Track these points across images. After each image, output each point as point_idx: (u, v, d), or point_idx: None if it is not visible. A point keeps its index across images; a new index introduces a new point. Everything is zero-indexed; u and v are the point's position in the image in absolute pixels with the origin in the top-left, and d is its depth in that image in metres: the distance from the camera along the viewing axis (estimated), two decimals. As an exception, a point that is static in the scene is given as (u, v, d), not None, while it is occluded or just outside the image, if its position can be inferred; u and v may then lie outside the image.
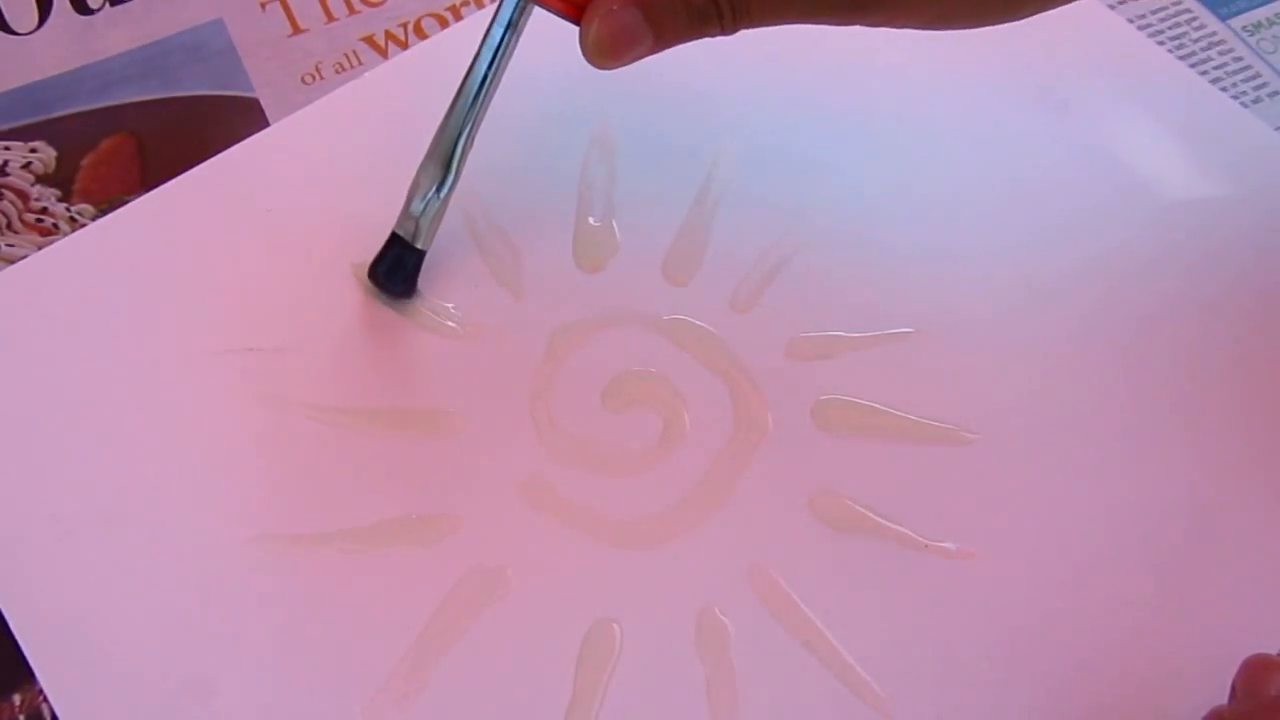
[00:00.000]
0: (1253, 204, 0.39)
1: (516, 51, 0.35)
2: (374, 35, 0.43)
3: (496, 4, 0.33)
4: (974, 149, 0.40)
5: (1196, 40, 0.43)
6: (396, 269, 0.36)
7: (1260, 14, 0.44)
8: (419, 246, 0.36)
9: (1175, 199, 0.40)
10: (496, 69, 0.34)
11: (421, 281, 0.37)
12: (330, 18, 0.44)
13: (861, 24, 0.33)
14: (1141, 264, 0.38)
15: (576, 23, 0.31)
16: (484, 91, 0.34)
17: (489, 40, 0.34)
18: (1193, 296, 0.38)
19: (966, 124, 0.41)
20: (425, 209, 0.35)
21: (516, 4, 0.33)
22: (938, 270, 0.38)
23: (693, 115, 0.41)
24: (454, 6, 0.44)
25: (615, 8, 0.31)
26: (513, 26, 0.33)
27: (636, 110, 0.41)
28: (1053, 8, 0.34)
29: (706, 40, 0.34)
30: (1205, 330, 0.37)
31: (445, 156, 0.35)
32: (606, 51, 0.32)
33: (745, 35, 0.34)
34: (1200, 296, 0.38)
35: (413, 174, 0.35)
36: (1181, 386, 0.36)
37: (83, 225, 0.39)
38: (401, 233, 0.36)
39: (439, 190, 0.35)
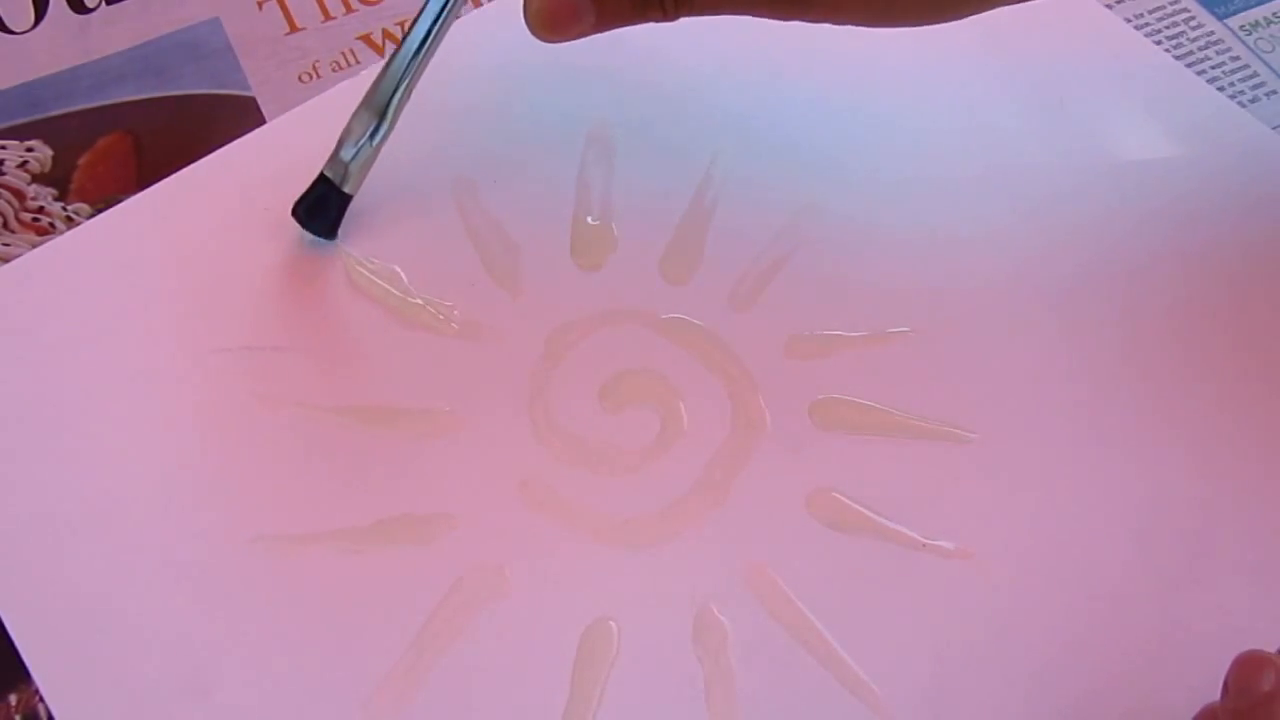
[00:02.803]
0: (1250, 202, 0.39)
1: (513, 50, 0.35)
2: (371, 34, 0.43)
3: None
4: (972, 148, 0.40)
5: (1194, 39, 0.43)
6: (319, 208, 0.37)
7: (1258, 13, 0.44)
8: (346, 191, 0.36)
9: (1173, 198, 0.40)
10: (442, 24, 0.35)
11: (421, 280, 0.37)
12: (327, 16, 0.44)
13: (801, 19, 0.33)
14: (1139, 263, 0.38)
15: None
16: (426, 46, 0.35)
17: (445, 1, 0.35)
18: (1192, 295, 0.38)
19: (964, 123, 0.41)
20: (356, 155, 0.36)
21: None
22: (936, 269, 0.38)
23: (690, 114, 0.41)
24: (451, 5, 0.44)
25: None
26: None
27: (634, 109, 0.41)
28: (991, 8, 0.34)
29: (705, 39, 0.34)
30: (1205, 329, 0.37)
31: (381, 106, 0.35)
32: (547, 24, 0.33)
33: (745, 32, 0.34)
34: (1199, 295, 0.38)
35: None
36: (1181, 385, 0.36)
37: (79, 224, 0.39)
38: (330, 175, 0.36)
39: (372, 138, 0.36)
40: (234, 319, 0.36)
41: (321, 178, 0.36)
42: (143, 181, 0.39)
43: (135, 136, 0.41)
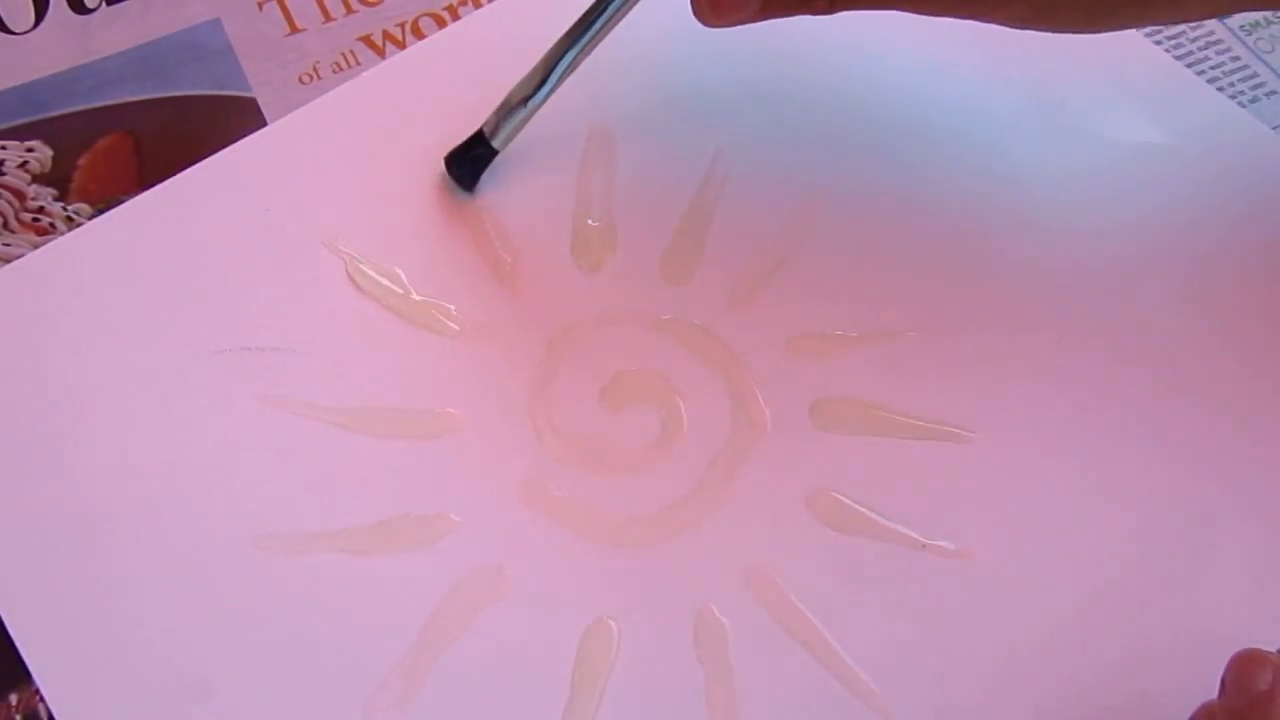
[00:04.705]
0: (1250, 203, 0.39)
1: (514, 50, 0.35)
2: (371, 35, 0.43)
3: None
4: (972, 147, 0.40)
5: (1194, 40, 0.43)
6: (463, 157, 0.38)
7: (1258, 14, 0.44)
8: (494, 145, 0.38)
9: (1173, 198, 0.40)
10: (620, 9, 0.35)
11: (422, 280, 0.37)
12: (328, 18, 0.44)
13: (956, 15, 0.33)
14: (1139, 262, 0.38)
15: None
16: (600, 27, 0.36)
17: None
18: (1191, 294, 0.38)
19: (965, 122, 0.41)
20: (509, 115, 0.37)
21: None
22: (936, 269, 0.38)
23: (691, 114, 0.41)
24: (451, 6, 0.44)
25: None
26: None
27: (635, 109, 0.41)
28: (1149, 23, 0.34)
29: (704, 38, 0.34)
30: (1204, 328, 0.37)
31: (545, 72, 0.36)
32: (716, 9, 0.33)
33: (746, 33, 0.34)
34: (1199, 294, 0.38)
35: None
36: (1181, 385, 0.36)
37: (79, 224, 0.39)
38: (485, 129, 0.38)
39: (525, 102, 0.37)
40: (234, 319, 0.36)
41: (479, 132, 0.38)
42: (143, 182, 0.39)
43: (136, 137, 0.41)
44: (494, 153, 0.38)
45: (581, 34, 0.36)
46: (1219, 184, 0.40)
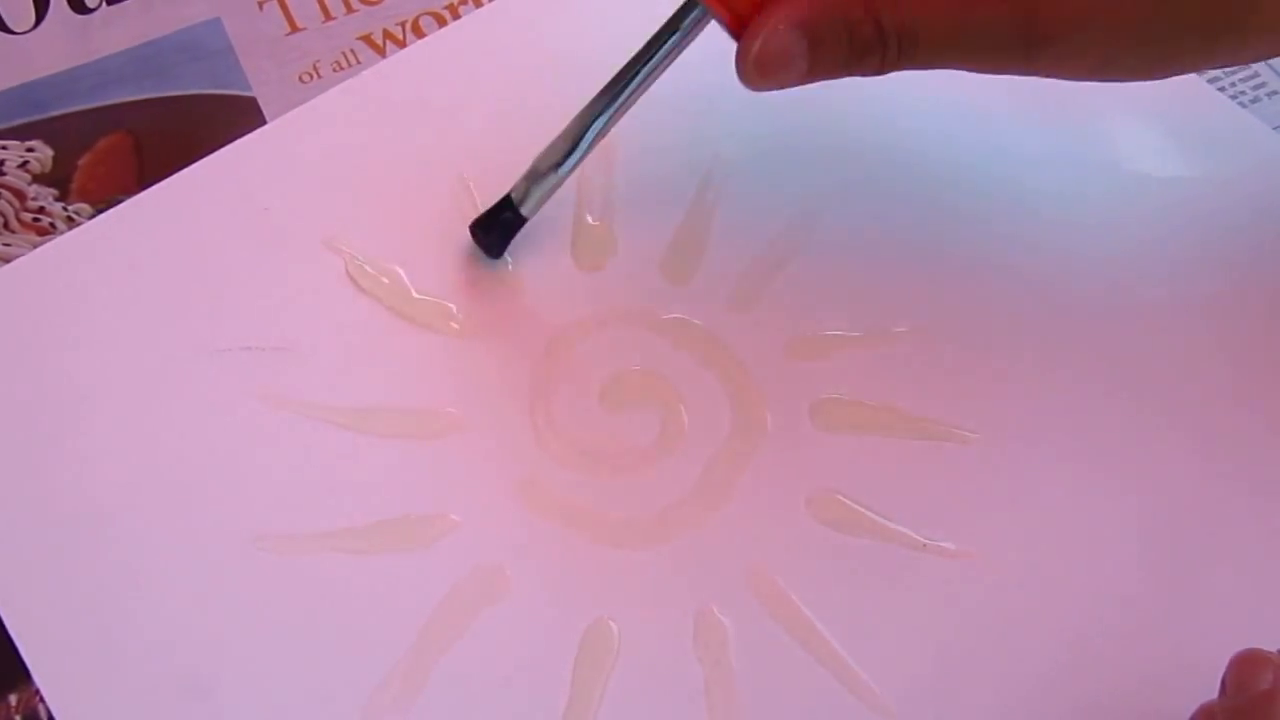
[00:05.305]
0: (1251, 203, 0.39)
1: (514, 50, 0.35)
2: (371, 34, 0.43)
3: (673, 11, 0.33)
4: (973, 147, 0.40)
5: (1195, 40, 0.43)
6: (490, 225, 0.37)
7: (1258, 14, 0.44)
8: (523, 213, 0.36)
9: (1173, 198, 0.40)
10: (653, 72, 0.34)
11: (422, 280, 0.37)
12: (328, 16, 0.44)
13: (1027, 73, 0.33)
14: (1140, 263, 0.38)
15: (737, 38, 0.31)
16: (631, 91, 0.34)
17: (658, 48, 0.34)
18: (1192, 295, 0.38)
19: (965, 123, 0.41)
20: (538, 181, 0.36)
21: (690, 14, 0.33)
22: (937, 269, 0.38)
23: (692, 114, 0.40)
24: (452, 5, 0.44)
25: (780, 28, 0.31)
26: (682, 33, 0.33)
27: (636, 109, 0.40)
28: (1207, 68, 0.34)
29: (705, 39, 0.34)
30: (1204, 328, 0.37)
31: (574, 139, 0.35)
32: (762, 71, 0.32)
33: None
34: (1199, 295, 0.38)
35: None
36: (1181, 385, 0.36)
37: (80, 224, 0.39)
38: (514, 195, 0.37)
39: (557, 168, 0.35)
40: (234, 319, 0.36)
41: (506, 198, 0.37)
42: (143, 182, 0.39)
43: (136, 137, 0.41)
44: (523, 220, 0.37)
45: (611, 101, 0.34)
46: (1219, 184, 0.40)
